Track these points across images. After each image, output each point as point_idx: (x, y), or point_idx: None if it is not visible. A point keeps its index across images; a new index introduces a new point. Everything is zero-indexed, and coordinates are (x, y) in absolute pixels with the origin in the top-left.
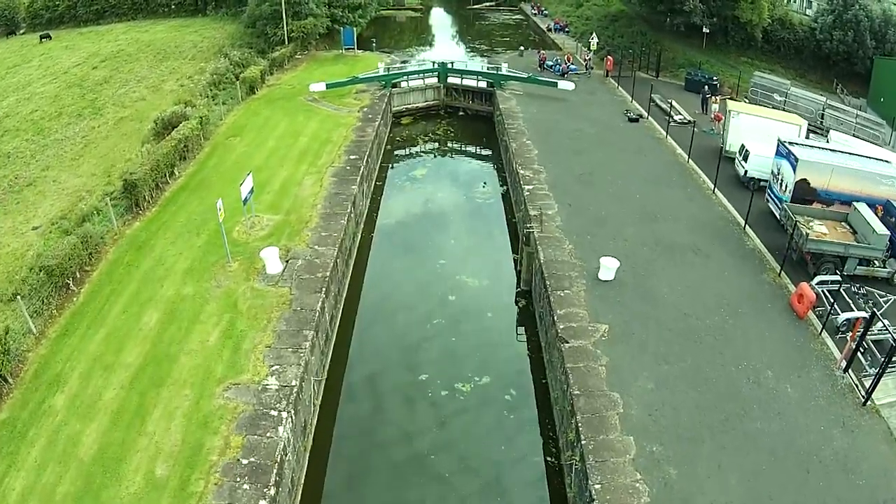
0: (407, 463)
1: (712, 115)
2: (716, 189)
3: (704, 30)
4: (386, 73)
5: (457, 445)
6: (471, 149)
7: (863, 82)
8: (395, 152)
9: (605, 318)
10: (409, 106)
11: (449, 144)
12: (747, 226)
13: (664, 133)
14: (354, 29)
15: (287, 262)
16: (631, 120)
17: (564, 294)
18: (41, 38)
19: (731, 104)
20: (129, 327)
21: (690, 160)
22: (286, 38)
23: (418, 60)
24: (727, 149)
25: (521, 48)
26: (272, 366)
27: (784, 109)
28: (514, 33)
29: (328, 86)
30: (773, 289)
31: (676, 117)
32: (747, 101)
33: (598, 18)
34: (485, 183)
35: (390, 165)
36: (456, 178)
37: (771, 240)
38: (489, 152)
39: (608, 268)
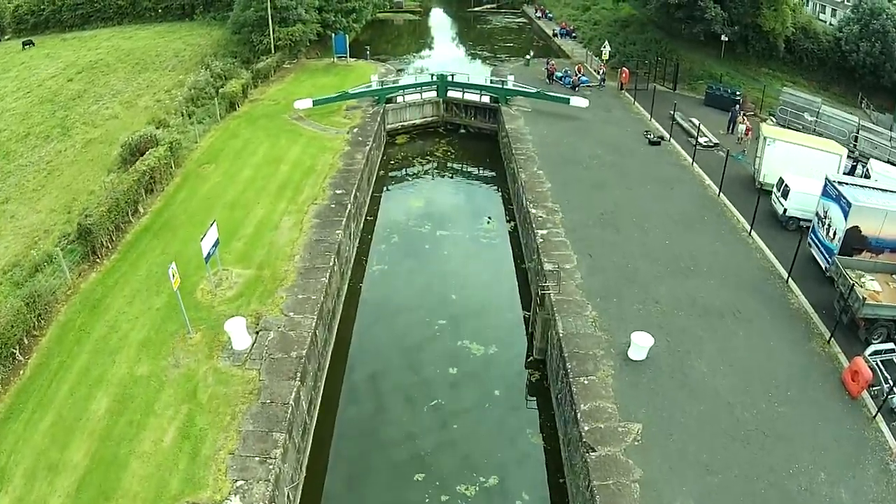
0: None
1: (739, 137)
2: (752, 231)
3: (723, 38)
4: (379, 87)
5: None
6: (473, 172)
7: (890, 96)
8: (389, 177)
9: (637, 415)
10: (405, 123)
11: (449, 167)
12: (790, 278)
13: (689, 158)
14: (346, 36)
15: (257, 333)
16: (652, 143)
17: (588, 382)
18: (24, 44)
19: (765, 129)
20: (76, 414)
21: (721, 193)
22: (272, 46)
23: (416, 68)
24: (761, 180)
25: (528, 57)
26: (236, 480)
27: (814, 130)
28: (517, 38)
29: (315, 102)
30: (822, 361)
31: (701, 139)
32: (774, 119)
33: (608, 23)
34: (489, 218)
35: (384, 192)
36: (457, 210)
37: (816, 294)
38: (493, 173)
39: (640, 346)
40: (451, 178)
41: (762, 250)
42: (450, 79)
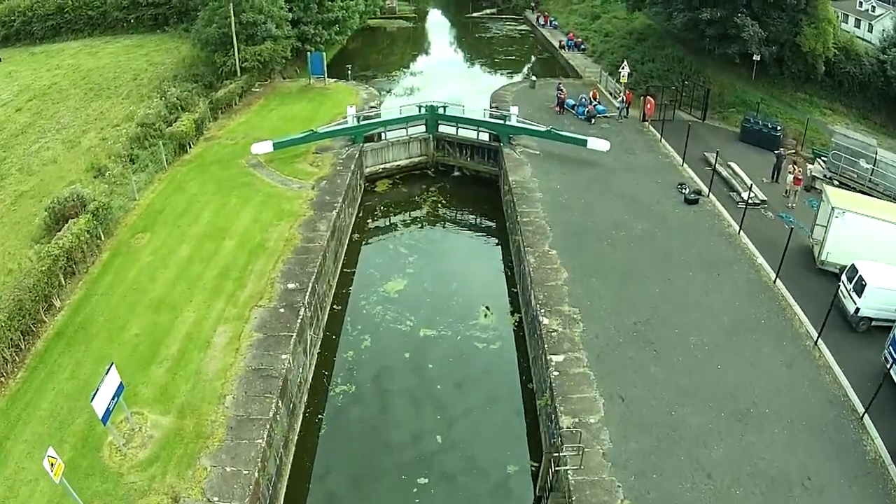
0: None
1: (787, 189)
2: (819, 339)
3: (755, 58)
4: (355, 124)
5: None
6: (468, 230)
7: None
8: (366, 240)
9: None
10: (388, 165)
11: (439, 224)
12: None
13: (734, 224)
14: (324, 55)
15: None
16: (689, 201)
17: None
18: None
19: (831, 194)
20: None
21: (778, 279)
22: (237, 68)
23: (404, 88)
24: (824, 258)
25: (533, 78)
26: None
27: (870, 182)
28: (519, 49)
29: (275, 146)
30: None
31: (745, 195)
32: (824, 164)
33: (621, 35)
34: (487, 310)
35: (357, 264)
36: (447, 293)
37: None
38: (493, 226)
39: None
40: (441, 240)
41: (831, 368)
42: (441, 111)
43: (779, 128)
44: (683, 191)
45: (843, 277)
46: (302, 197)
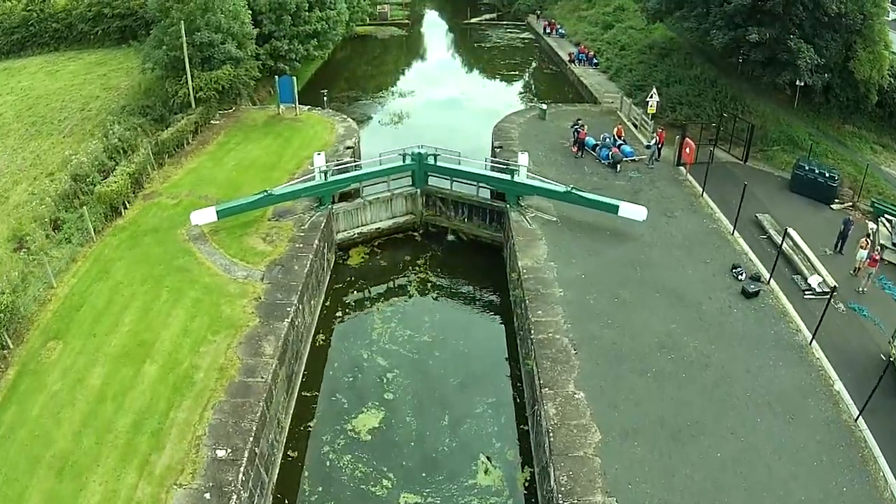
0: None
1: (857, 266)
2: None
3: (798, 83)
4: (323, 181)
5: None
6: (464, 323)
7: None
8: (333, 340)
9: None
10: (365, 229)
11: (427, 315)
12: None
13: (803, 328)
14: (294, 79)
15: None
16: (747, 294)
17: None
18: None
19: None
20: None
21: (861, 417)
22: (191, 98)
23: (391, 116)
24: None
25: (543, 107)
26: None
27: None
28: (522, 60)
29: (220, 213)
30: None
31: (813, 281)
32: (889, 226)
33: (639, 49)
34: (488, 461)
35: (322, 382)
36: (436, 435)
37: None
38: (495, 303)
39: None
40: (430, 343)
41: None
42: (431, 160)
43: (836, 177)
44: (740, 277)
45: None
46: (248, 294)
